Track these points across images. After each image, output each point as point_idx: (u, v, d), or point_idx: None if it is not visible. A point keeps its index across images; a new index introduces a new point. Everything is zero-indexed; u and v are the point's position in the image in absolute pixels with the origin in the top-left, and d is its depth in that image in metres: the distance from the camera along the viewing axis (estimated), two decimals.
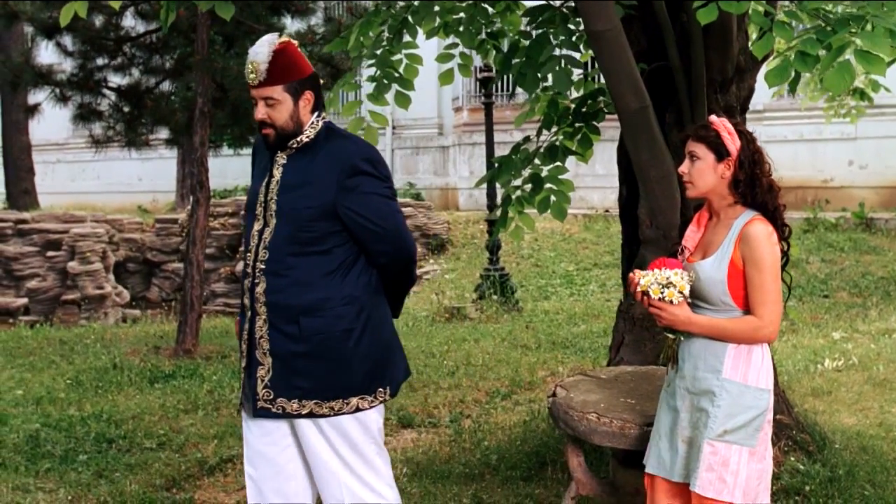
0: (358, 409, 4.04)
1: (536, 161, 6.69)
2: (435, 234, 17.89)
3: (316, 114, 4.11)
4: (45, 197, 25.32)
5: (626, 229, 6.56)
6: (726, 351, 3.82)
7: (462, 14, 6.93)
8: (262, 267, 4.04)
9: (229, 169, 23.62)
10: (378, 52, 6.74)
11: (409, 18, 6.74)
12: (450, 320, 12.61)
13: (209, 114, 10.30)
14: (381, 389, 4.10)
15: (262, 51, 3.98)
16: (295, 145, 4.08)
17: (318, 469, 4.08)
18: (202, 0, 5.90)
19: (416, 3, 6.79)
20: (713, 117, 4.00)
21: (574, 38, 6.27)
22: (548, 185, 6.73)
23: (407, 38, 6.83)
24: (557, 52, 5.91)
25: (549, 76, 5.85)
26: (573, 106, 6.74)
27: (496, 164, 6.79)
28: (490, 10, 6.99)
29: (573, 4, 6.07)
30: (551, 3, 6.35)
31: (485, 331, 11.59)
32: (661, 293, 3.75)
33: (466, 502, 5.89)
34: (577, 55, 6.57)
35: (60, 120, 28.51)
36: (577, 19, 6.12)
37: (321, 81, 4.13)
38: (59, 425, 7.52)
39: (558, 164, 6.67)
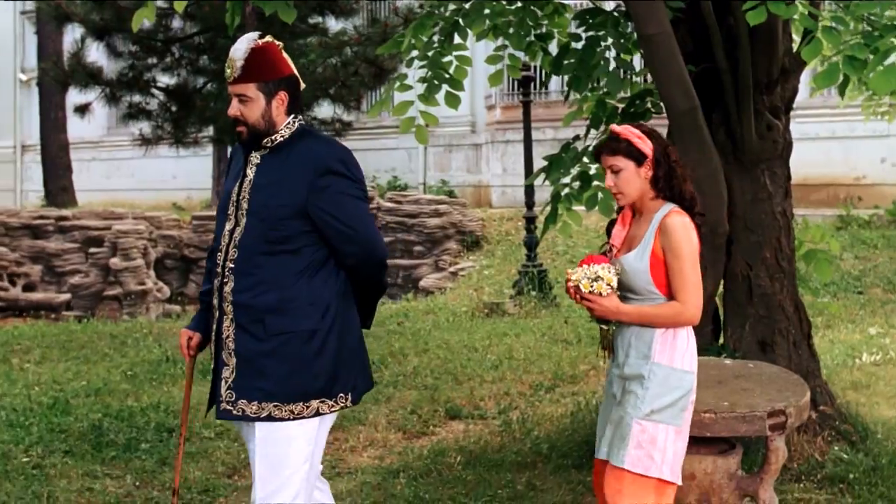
0: (318, 413, 4.00)
1: (585, 159, 6.89)
2: (470, 231, 18.08)
3: (292, 116, 4.12)
4: (82, 194, 25.66)
5: None
6: (654, 337, 4.03)
7: (511, 17, 7.13)
8: (232, 266, 4.04)
9: None
10: (429, 53, 6.95)
11: (460, 21, 6.95)
12: (489, 316, 12.81)
13: None
14: (342, 395, 4.07)
15: (240, 48, 4.02)
16: (269, 145, 4.09)
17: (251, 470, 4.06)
18: (266, 3, 6.12)
19: (466, 6, 7.00)
20: (615, 126, 4.19)
21: (623, 41, 6.49)
22: (595, 183, 6.94)
23: (457, 39, 7.04)
24: (608, 54, 6.13)
25: (601, 78, 6.06)
26: (621, 106, 6.93)
27: (547, 162, 6.99)
28: (538, 12, 7.19)
29: (624, 8, 6.26)
30: (600, 6, 6.56)
31: (524, 326, 11.78)
32: (591, 287, 3.98)
33: (520, 489, 6.10)
34: (627, 58, 6.79)
35: (96, 118, 28.95)
36: (629, 23, 6.32)
37: (296, 85, 4.14)
38: (120, 415, 7.77)
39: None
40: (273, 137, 4.08)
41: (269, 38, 4.08)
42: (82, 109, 12.86)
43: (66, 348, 10.81)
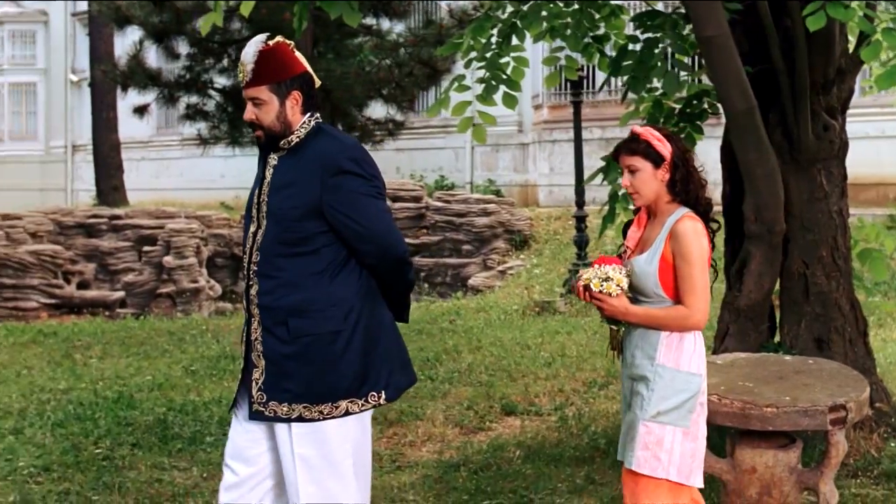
0: (348, 413, 4.01)
1: None
2: (518, 231, 18.18)
3: (308, 114, 4.11)
4: (131, 193, 25.99)
5: (729, 225, 6.83)
6: (659, 339, 4.08)
7: (569, 19, 7.23)
8: (255, 269, 4.03)
9: None
10: (488, 54, 7.07)
11: (518, 23, 7.07)
12: (540, 314, 12.91)
13: None
14: (373, 393, 4.06)
15: (249, 51, 4.01)
16: (286, 146, 4.08)
17: (286, 475, 4.08)
18: (331, 7, 6.27)
19: (524, 8, 7.11)
20: (638, 128, 4.22)
21: (680, 42, 6.58)
22: None
23: (514, 41, 7.15)
24: (666, 56, 6.23)
25: (661, 79, 6.15)
26: (678, 107, 7.02)
27: (604, 162, 7.09)
28: (595, 14, 7.29)
29: (683, 11, 6.36)
30: (658, 9, 6.65)
31: (576, 324, 11.87)
32: (601, 286, 4.05)
33: (580, 482, 6.20)
34: (683, 58, 6.88)
35: (147, 118, 29.35)
36: (687, 25, 6.41)
37: (310, 83, 4.13)
38: (184, 409, 7.95)
39: None
40: (290, 139, 4.07)
41: (279, 39, 4.09)
42: (141, 110, 13.10)
43: (125, 344, 11.03)
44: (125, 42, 24.81)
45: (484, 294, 15.56)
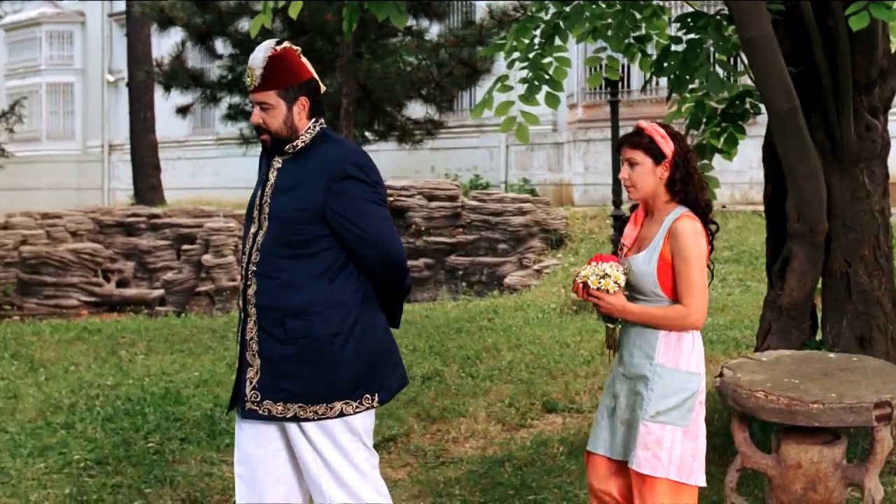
0: (342, 414, 4.08)
1: None
2: (554, 230, 18.22)
3: (313, 119, 4.17)
4: (168, 192, 26.21)
5: (771, 224, 6.89)
6: (658, 338, 4.14)
7: (611, 19, 7.30)
8: (254, 269, 4.10)
9: None
10: (531, 55, 7.15)
11: (561, 24, 7.14)
12: (577, 312, 12.94)
13: (353, 114, 10.84)
14: (367, 396, 4.13)
15: (258, 56, 4.07)
16: (291, 150, 4.14)
17: (305, 473, 4.15)
18: (378, 9, 6.36)
19: (567, 9, 7.18)
20: (644, 123, 4.28)
21: (723, 43, 6.64)
22: None
23: (557, 41, 7.23)
24: (710, 56, 6.29)
25: (704, 80, 6.22)
26: (720, 107, 7.08)
27: None
28: (637, 15, 7.36)
29: (727, 12, 6.42)
30: (701, 9, 6.71)
31: None
32: (599, 283, 4.10)
33: None
34: (722, 58, 6.93)
35: (182, 118, 29.56)
36: (731, 26, 6.47)
37: (316, 89, 4.21)
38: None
39: (705, 161, 7.03)
40: (296, 143, 4.14)
41: (286, 45, 4.14)
42: (184, 110, 13.27)
43: (169, 341, 11.17)
44: (162, 43, 25.15)
45: (520, 293, 15.62)
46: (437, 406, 8.00)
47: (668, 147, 4.17)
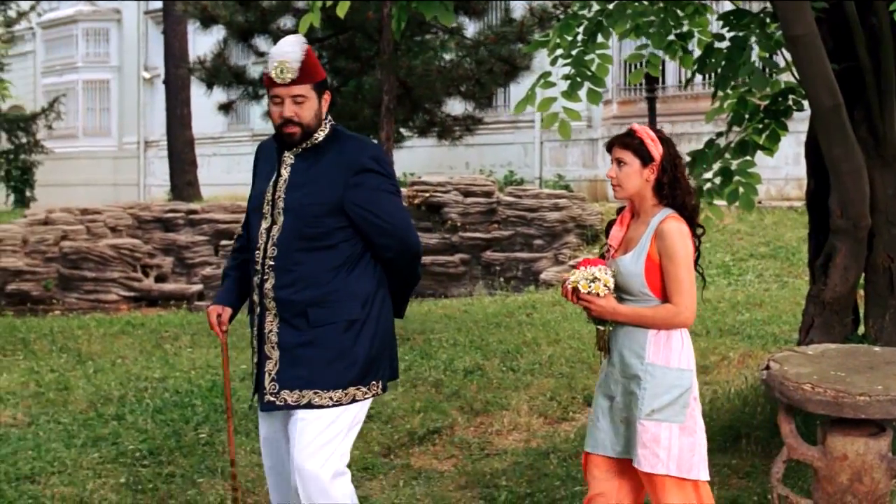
0: (354, 400, 4.18)
1: (727, 155, 7.12)
2: (589, 225, 18.27)
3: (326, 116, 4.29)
4: (203, 188, 26.38)
5: (814, 220, 6.95)
6: (647, 337, 4.18)
7: (653, 17, 7.38)
8: (271, 263, 4.16)
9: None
10: (574, 52, 7.24)
11: (604, 21, 7.23)
12: None
13: (394, 111, 10.96)
14: (374, 382, 4.26)
15: (293, 49, 4.14)
16: (307, 145, 4.23)
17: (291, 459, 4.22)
18: (426, 8, 6.46)
19: (610, 6, 7.27)
20: (636, 125, 4.34)
21: (766, 40, 6.71)
22: (736, 178, 7.17)
23: (600, 39, 7.31)
24: (753, 53, 6.36)
25: (748, 77, 6.29)
26: (763, 103, 7.15)
27: (690, 158, 7.23)
28: (679, 12, 7.43)
29: (771, 10, 6.49)
30: (745, 7, 6.78)
31: None
32: (589, 287, 4.14)
33: None
34: (763, 55, 7.00)
35: (218, 114, 29.64)
36: (774, 24, 6.53)
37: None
38: None
39: (747, 158, 7.10)
40: (315, 137, 4.24)
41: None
42: (226, 107, 13.40)
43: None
44: (198, 40, 25.35)
45: (557, 288, 15.69)
46: (479, 399, 8.10)
47: (656, 150, 4.22)
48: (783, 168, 18.14)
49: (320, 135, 4.23)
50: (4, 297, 17.66)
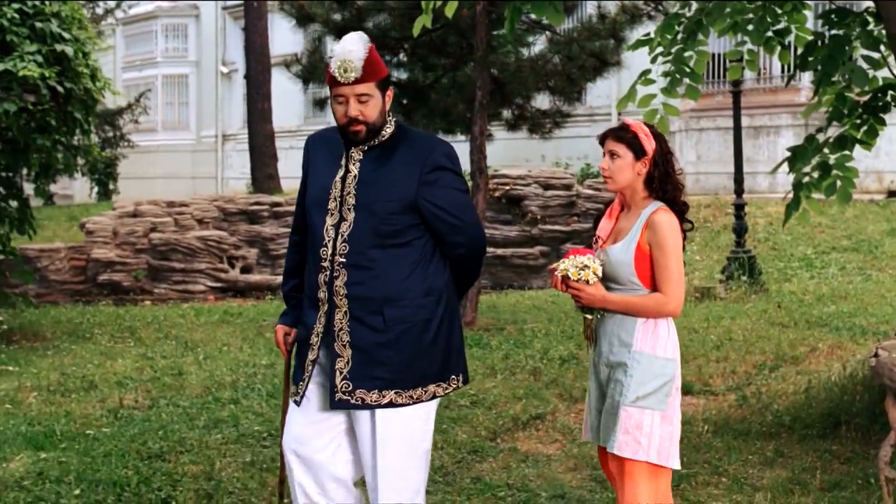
0: (434, 397, 4.21)
1: (825, 150, 7.29)
2: None
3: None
4: (282, 181, 26.76)
5: None
6: (636, 326, 4.28)
7: (751, 14, 7.56)
8: (343, 260, 4.12)
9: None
10: (674, 50, 7.45)
11: (703, 20, 7.42)
12: (700, 300, 13.20)
13: (486, 105, 11.23)
14: (454, 377, 4.28)
15: (356, 48, 4.08)
16: (375, 142, 4.20)
17: (363, 459, 4.22)
18: (539, 6, 6.70)
19: (710, 5, 7.46)
20: (629, 120, 4.48)
21: (866, 38, 6.87)
22: (834, 172, 7.33)
23: (699, 36, 7.51)
24: (855, 51, 6.53)
25: (849, 74, 6.46)
26: (862, 100, 7.30)
27: (790, 153, 7.39)
28: (777, 10, 7.59)
29: (874, 9, 6.65)
30: (846, 6, 6.94)
31: (738, 310, 12.14)
32: (579, 275, 4.24)
33: (769, 455, 6.58)
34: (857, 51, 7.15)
35: (295, 108, 30.12)
36: (876, 22, 6.69)
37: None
38: None
39: (846, 152, 7.26)
40: (382, 133, 4.21)
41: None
42: (321, 103, 13.76)
43: None
44: (276, 37, 25.78)
45: None
46: (577, 387, 8.35)
47: (649, 145, 4.35)
48: (863, 161, 18.06)
49: (386, 132, 4.22)
50: (96, 287, 18.18)
